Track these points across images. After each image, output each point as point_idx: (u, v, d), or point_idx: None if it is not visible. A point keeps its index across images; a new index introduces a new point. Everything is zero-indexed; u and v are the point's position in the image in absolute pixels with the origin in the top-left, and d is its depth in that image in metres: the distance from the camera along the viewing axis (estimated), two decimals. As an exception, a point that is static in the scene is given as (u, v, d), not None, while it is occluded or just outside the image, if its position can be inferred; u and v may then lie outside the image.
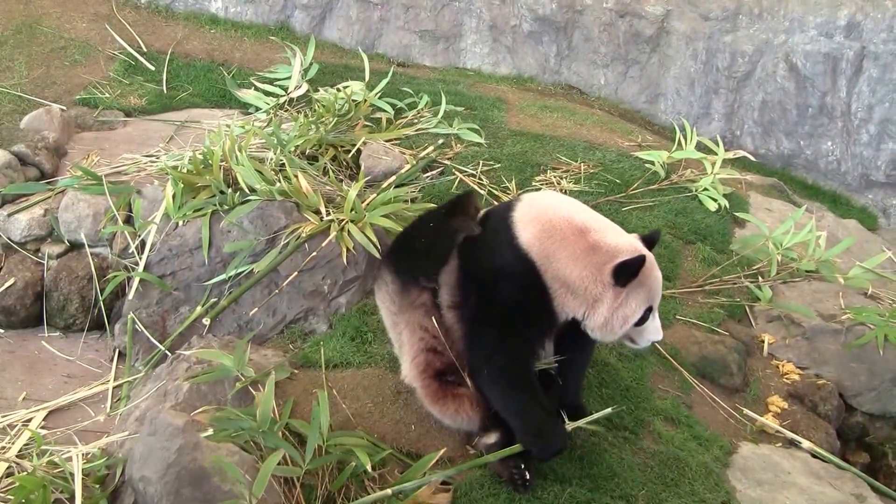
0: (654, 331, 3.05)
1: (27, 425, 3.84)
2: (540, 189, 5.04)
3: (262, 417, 2.99)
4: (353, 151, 5.13)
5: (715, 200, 5.30)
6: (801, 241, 4.80)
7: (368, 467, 2.94)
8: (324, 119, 5.37)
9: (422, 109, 5.96)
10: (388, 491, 2.93)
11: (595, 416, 3.15)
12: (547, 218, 2.99)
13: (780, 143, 6.92)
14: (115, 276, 4.49)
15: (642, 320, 2.98)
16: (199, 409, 3.10)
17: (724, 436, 3.79)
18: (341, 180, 4.92)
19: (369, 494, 2.99)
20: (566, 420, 3.11)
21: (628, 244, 2.98)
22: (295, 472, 2.89)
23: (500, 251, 3.00)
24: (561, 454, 3.14)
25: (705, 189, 5.35)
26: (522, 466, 3.09)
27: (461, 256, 3.10)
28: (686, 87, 7.08)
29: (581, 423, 3.14)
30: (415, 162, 5.16)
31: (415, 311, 3.18)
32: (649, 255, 3.01)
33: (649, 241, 3.09)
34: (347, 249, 4.14)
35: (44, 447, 3.45)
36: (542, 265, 2.94)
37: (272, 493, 2.84)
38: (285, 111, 5.88)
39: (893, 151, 6.60)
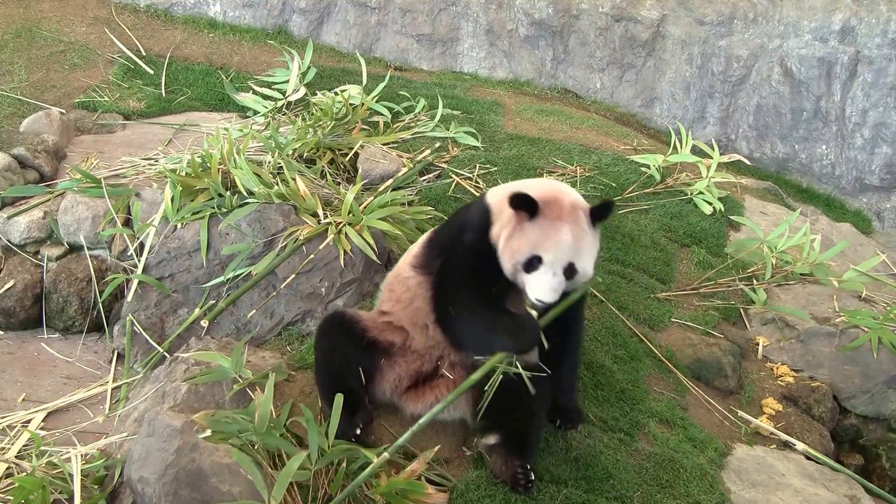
0: (535, 285, 3.06)
1: (26, 426, 3.85)
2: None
3: (260, 419, 3.00)
4: (351, 155, 5.15)
5: (710, 204, 5.33)
6: (796, 245, 4.83)
7: (375, 460, 2.96)
8: (321, 122, 5.38)
9: (419, 113, 5.98)
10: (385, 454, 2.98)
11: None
12: (511, 187, 3.24)
13: (775, 147, 6.96)
14: (114, 279, 4.50)
15: (529, 266, 3.06)
16: (200, 413, 3.10)
17: (718, 438, 3.81)
18: (339, 183, 4.94)
19: (367, 495, 3.01)
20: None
21: (547, 190, 3.16)
22: (304, 475, 2.90)
23: (469, 212, 3.36)
24: (538, 343, 3.11)
25: (700, 192, 5.38)
26: (528, 467, 3.11)
27: (436, 232, 3.50)
28: (681, 91, 7.12)
29: (546, 319, 3.13)
30: (412, 165, 5.18)
31: None
32: (561, 210, 3.10)
33: (599, 211, 3.17)
34: (345, 252, 4.15)
35: (43, 448, 3.46)
36: (494, 217, 3.19)
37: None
38: (283, 115, 5.89)
39: (887, 155, 6.65)
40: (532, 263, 3.06)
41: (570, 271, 3.08)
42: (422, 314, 3.32)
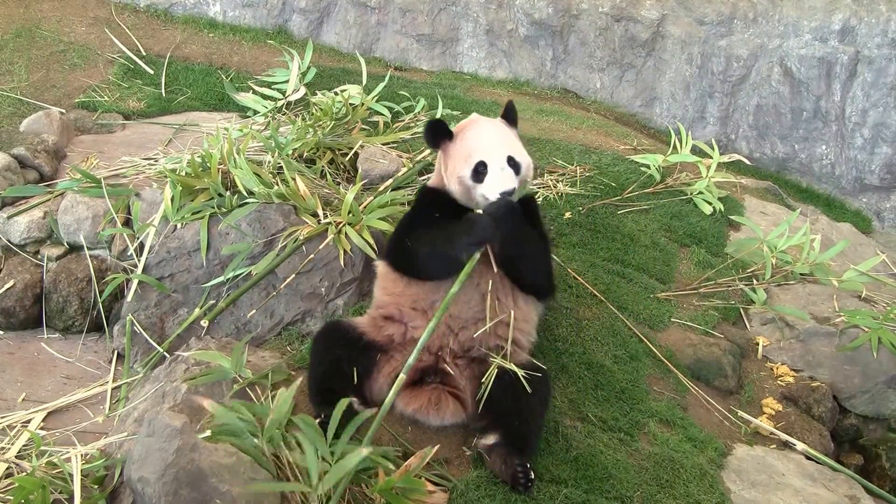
0: (490, 184, 3.26)
1: (26, 426, 3.85)
2: (536, 192, 5.07)
3: (272, 421, 2.98)
4: (351, 155, 5.15)
5: (710, 204, 5.33)
6: (796, 245, 4.83)
7: (379, 458, 2.96)
8: (321, 122, 5.38)
9: (419, 113, 5.98)
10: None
11: None
12: None
13: (775, 147, 6.96)
14: (114, 279, 4.50)
15: (477, 176, 3.28)
16: (208, 402, 3.09)
17: (718, 437, 3.81)
18: (339, 183, 4.94)
19: (367, 496, 3.01)
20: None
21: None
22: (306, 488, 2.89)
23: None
24: (494, 229, 3.19)
25: (700, 192, 5.38)
26: (528, 465, 3.11)
27: None
28: (681, 91, 7.12)
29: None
30: (412, 165, 5.18)
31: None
32: (471, 121, 3.49)
33: (508, 114, 3.52)
34: (345, 252, 4.15)
35: (43, 448, 3.45)
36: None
37: (271, 494, 2.86)
38: (283, 115, 5.89)
39: (887, 155, 6.65)
40: (478, 171, 3.28)
41: (513, 164, 3.30)
42: (420, 296, 3.36)
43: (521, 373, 3.23)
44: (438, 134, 3.42)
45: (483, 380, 3.25)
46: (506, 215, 3.19)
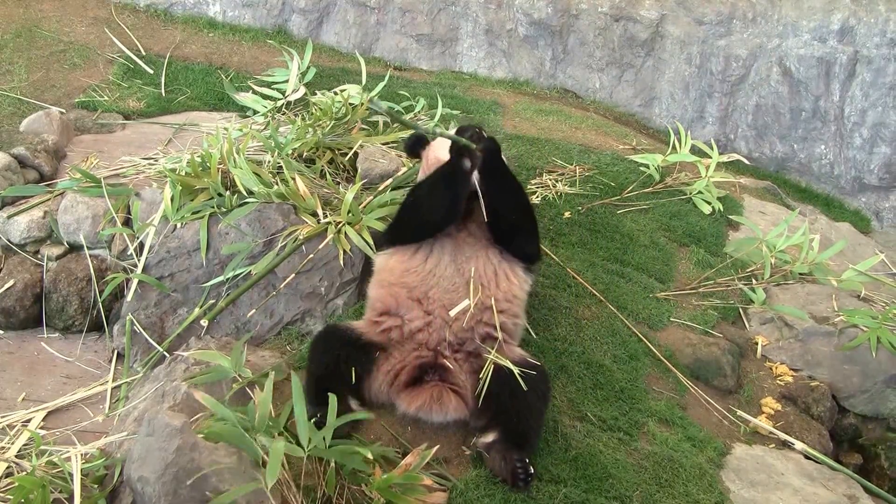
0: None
1: (26, 426, 3.85)
2: (535, 192, 5.08)
3: (260, 418, 3.01)
4: (350, 154, 5.14)
5: (709, 203, 5.34)
6: (795, 244, 4.84)
7: (369, 455, 2.96)
8: (321, 122, 5.38)
9: (418, 113, 5.98)
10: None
11: None
12: None
13: (774, 147, 6.96)
14: (114, 278, 4.50)
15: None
16: (200, 416, 3.10)
17: (717, 437, 3.81)
18: (338, 183, 4.94)
19: (366, 496, 3.02)
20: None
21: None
22: (297, 451, 2.90)
23: None
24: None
25: (699, 192, 5.39)
26: (527, 461, 3.12)
27: None
28: (680, 91, 7.12)
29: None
30: (411, 165, 5.18)
31: None
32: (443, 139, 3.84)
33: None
34: (344, 252, 4.16)
35: (43, 447, 3.46)
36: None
37: (270, 494, 2.86)
38: (283, 114, 5.89)
39: (886, 155, 6.65)
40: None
41: None
42: (415, 284, 3.42)
43: (516, 370, 3.23)
44: (418, 143, 3.96)
45: (480, 376, 3.27)
46: (481, 134, 3.56)
